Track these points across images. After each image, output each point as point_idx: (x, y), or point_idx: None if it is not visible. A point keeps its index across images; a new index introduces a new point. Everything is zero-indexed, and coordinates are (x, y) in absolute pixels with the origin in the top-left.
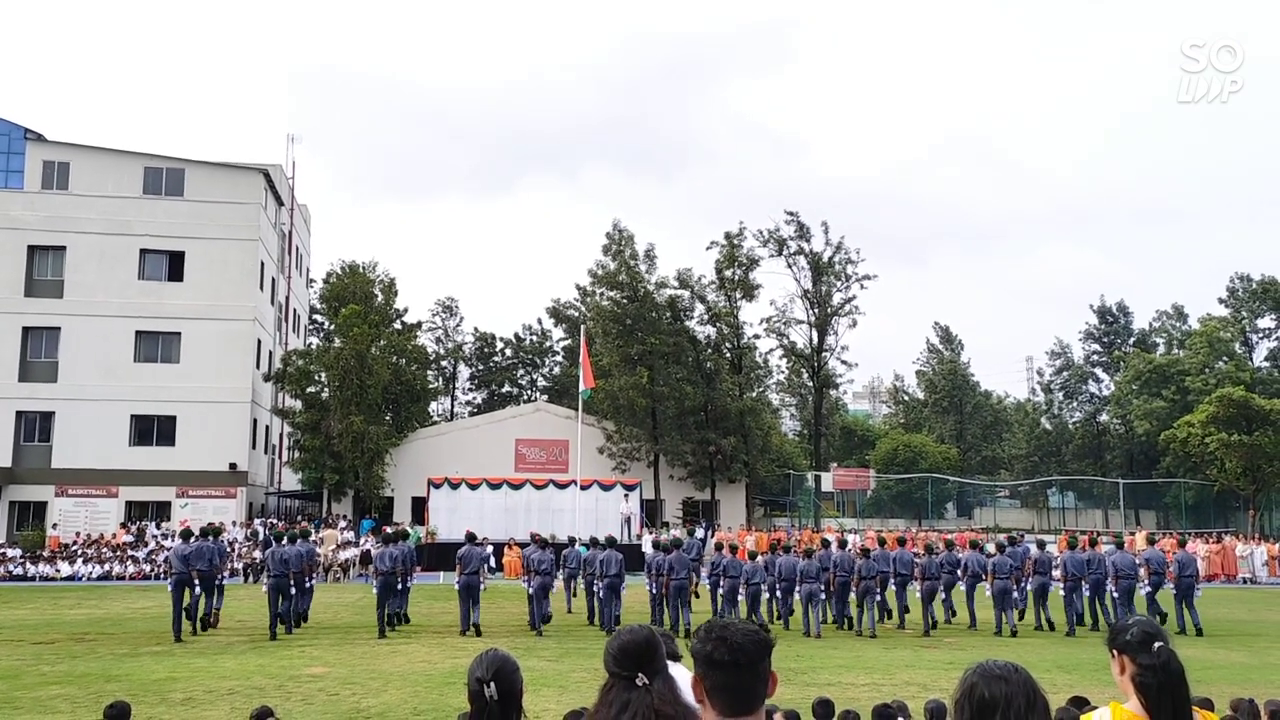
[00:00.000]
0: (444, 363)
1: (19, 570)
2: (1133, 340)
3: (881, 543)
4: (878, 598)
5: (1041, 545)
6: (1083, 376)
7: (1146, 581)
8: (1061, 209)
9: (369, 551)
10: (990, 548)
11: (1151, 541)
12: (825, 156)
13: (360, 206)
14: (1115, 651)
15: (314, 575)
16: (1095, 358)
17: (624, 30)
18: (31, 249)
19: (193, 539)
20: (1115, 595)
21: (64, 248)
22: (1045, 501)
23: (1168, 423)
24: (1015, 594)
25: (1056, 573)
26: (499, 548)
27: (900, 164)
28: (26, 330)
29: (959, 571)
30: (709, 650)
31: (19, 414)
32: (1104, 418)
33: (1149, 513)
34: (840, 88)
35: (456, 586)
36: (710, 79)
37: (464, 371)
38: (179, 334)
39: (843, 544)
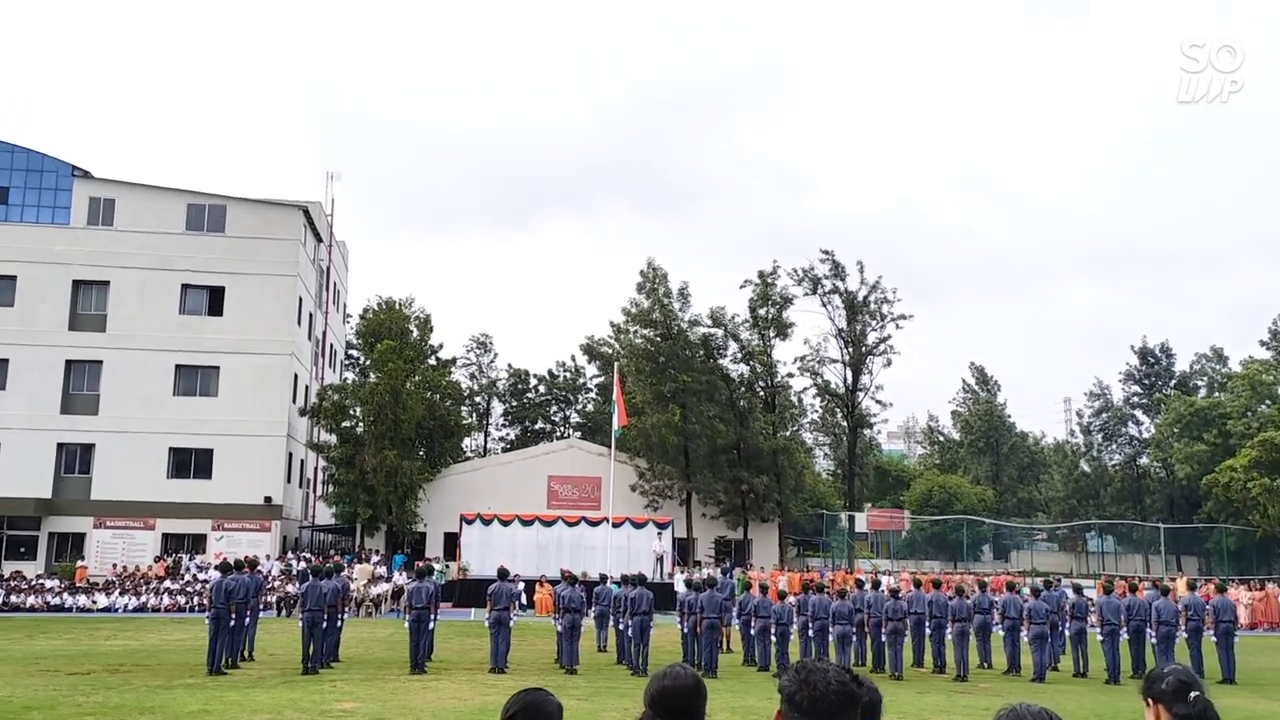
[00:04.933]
0: (478, 399)
1: (56, 601)
2: (1173, 382)
3: (917, 584)
4: (905, 639)
5: (1079, 590)
6: (1122, 418)
7: (1184, 628)
8: (1081, 249)
9: (401, 587)
10: (1026, 591)
11: (1193, 588)
12: (835, 195)
13: (389, 244)
14: (1150, 700)
15: (345, 610)
16: (1135, 399)
17: (631, 73)
18: (76, 284)
19: (231, 572)
20: (1155, 642)
21: (108, 283)
22: (1084, 545)
23: (1209, 467)
24: (1048, 640)
25: (1093, 618)
26: (530, 584)
27: (910, 202)
28: (70, 363)
29: (994, 615)
30: (792, 691)
31: (60, 446)
32: (1144, 461)
33: (1190, 558)
34: (847, 127)
35: (487, 623)
36: (717, 120)
37: (497, 408)
38: (217, 368)
39: (875, 585)
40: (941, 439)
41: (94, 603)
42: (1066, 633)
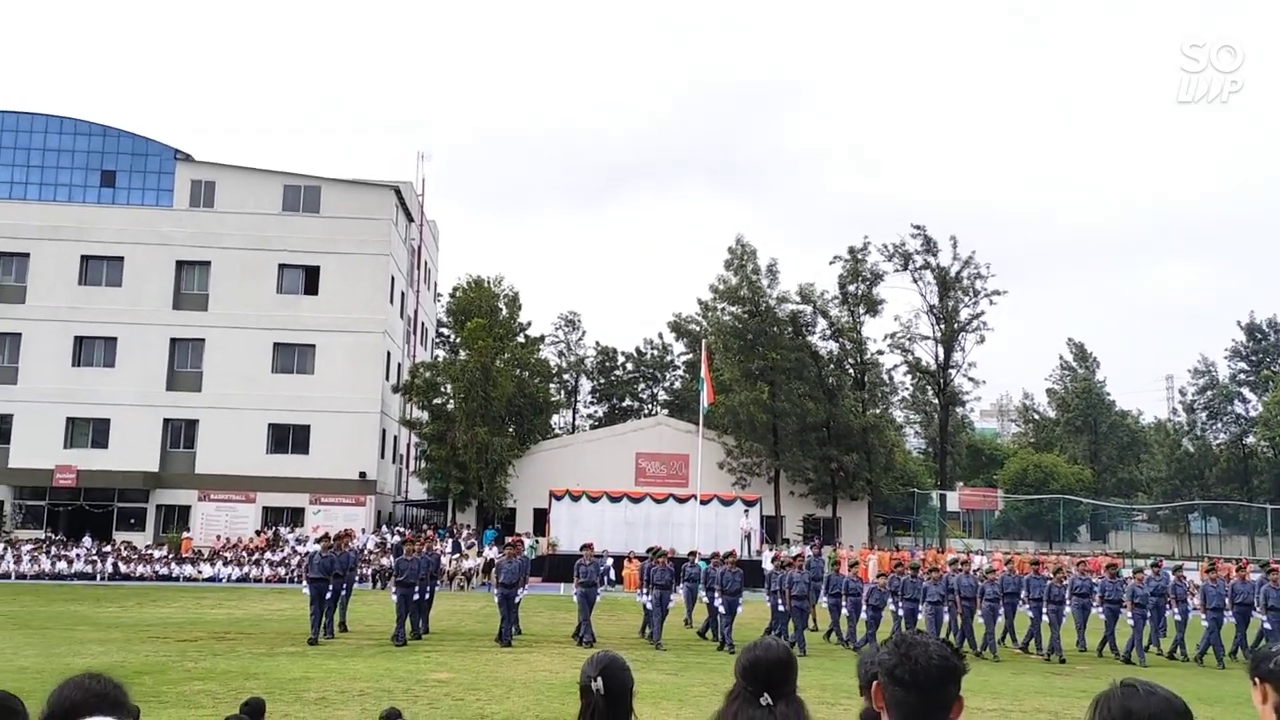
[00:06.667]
0: (566, 376)
1: (164, 570)
2: None
3: (1007, 563)
4: (999, 619)
5: (1179, 571)
6: (1228, 396)
7: None
8: (1176, 227)
9: (492, 561)
10: (1126, 573)
11: None
12: (908, 177)
13: (479, 222)
14: (1257, 680)
15: (434, 583)
16: (1242, 377)
17: (705, 64)
18: (179, 264)
19: (329, 545)
20: (1268, 625)
21: (209, 263)
22: (1186, 527)
23: None
24: (1149, 622)
25: (1195, 600)
26: (619, 560)
27: (992, 181)
28: (174, 341)
29: (1094, 598)
30: (893, 665)
31: (166, 421)
32: (1251, 440)
33: None
34: (920, 110)
35: (575, 597)
36: (796, 104)
37: (585, 385)
38: (314, 346)
39: (968, 565)
40: (1037, 417)
41: (199, 572)
42: (1173, 616)
